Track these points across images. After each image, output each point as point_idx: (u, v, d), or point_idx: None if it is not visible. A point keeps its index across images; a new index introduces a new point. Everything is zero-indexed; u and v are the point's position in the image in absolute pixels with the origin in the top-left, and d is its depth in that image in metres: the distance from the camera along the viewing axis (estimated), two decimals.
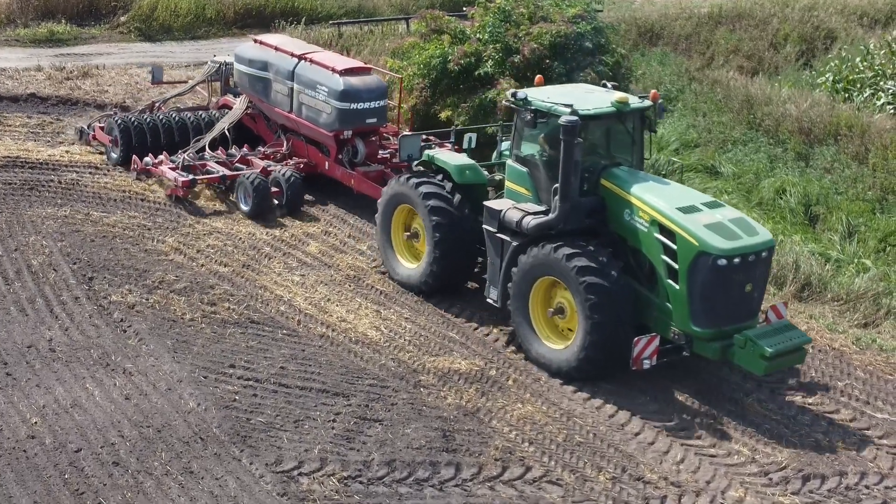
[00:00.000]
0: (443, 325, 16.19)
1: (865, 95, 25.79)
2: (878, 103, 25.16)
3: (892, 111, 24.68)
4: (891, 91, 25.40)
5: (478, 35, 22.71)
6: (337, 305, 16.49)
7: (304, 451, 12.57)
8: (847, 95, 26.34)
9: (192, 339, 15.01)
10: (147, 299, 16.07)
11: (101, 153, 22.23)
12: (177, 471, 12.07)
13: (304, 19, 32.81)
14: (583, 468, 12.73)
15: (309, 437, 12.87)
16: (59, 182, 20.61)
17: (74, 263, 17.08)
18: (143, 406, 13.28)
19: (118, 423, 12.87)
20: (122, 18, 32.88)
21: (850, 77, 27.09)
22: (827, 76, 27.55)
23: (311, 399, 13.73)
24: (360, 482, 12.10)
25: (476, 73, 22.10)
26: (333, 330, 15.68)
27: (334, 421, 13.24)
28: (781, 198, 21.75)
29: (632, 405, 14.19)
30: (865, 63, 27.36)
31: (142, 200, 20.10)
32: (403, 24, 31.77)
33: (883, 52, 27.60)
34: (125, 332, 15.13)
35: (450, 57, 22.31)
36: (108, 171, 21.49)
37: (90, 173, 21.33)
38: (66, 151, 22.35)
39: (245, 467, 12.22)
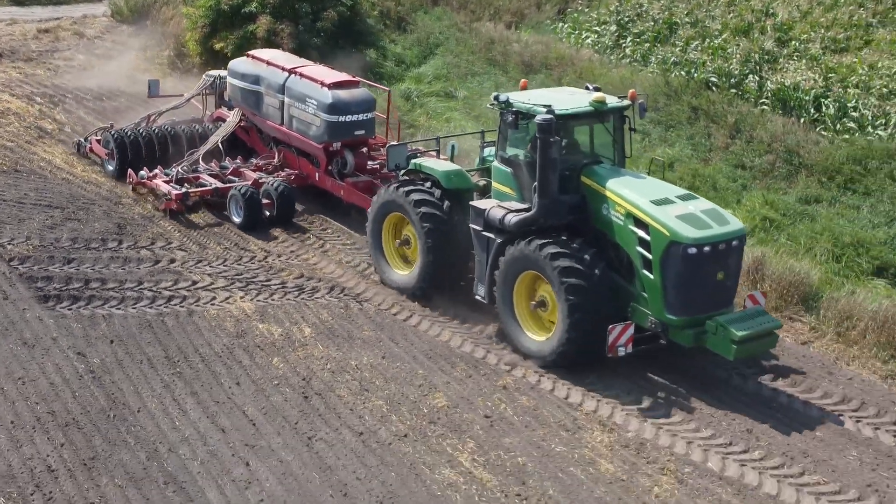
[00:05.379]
0: None
1: (583, 37, 31.87)
2: (588, 41, 31.25)
3: (596, 48, 30.76)
4: (602, 33, 31.46)
5: None
6: (87, 166, 22.34)
7: (17, 233, 18.51)
8: (576, 39, 32.40)
9: None
10: None
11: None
12: None
13: None
14: (206, 243, 18.74)
15: (25, 228, 18.83)
16: None
17: None
18: None
19: None
20: None
21: (585, 25, 33.18)
22: (566, 24, 33.63)
23: (38, 211, 19.72)
24: (45, 247, 18.00)
25: (242, 10, 28.14)
26: (75, 177, 21.68)
27: (46, 220, 19.20)
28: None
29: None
30: (601, 13, 33.44)
31: None
32: None
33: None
34: None
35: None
36: None
37: None
38: None
39: None
